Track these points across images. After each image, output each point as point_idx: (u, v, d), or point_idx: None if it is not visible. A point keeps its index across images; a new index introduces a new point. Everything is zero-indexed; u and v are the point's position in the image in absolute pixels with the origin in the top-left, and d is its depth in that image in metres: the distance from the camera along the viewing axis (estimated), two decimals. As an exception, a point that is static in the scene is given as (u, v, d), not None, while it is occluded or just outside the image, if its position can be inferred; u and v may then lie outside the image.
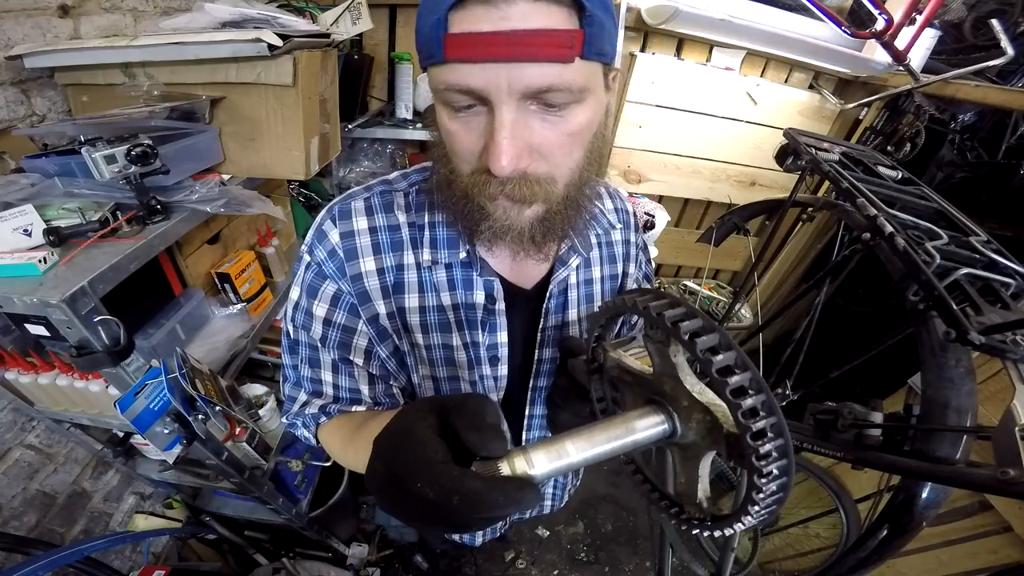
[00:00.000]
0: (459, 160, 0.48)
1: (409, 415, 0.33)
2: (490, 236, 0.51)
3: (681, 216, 2.15)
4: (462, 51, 0.39)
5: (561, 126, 0.43)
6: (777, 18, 1.55)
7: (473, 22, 0.38)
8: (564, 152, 0.46)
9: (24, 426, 1.07)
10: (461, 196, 0.50)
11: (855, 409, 0.63)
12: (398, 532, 1.73)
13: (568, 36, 0.38)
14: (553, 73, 0.39)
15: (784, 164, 1.03)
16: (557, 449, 0.30)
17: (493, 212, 0.49)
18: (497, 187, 0.46)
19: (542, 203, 0.48)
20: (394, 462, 0.30)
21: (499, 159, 0.41)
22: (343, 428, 0.63)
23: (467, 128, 0.44)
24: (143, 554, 1.34)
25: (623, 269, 0.73)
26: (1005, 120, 1.51)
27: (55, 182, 0.80)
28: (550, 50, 0.38)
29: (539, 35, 0.37)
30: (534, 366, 0.68)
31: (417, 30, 0.43)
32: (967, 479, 0.51)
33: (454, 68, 0.40)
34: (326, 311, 0.60)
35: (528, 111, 0.42)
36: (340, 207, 0.59)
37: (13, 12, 0.90)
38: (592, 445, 0.31)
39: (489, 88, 0.40)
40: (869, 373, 0.93)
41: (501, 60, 0.38)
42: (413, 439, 0.30)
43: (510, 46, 0.37)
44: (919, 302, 0.58)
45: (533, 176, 0.46)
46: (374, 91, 1.70)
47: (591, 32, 0.39)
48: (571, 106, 0.43)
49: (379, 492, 0.32)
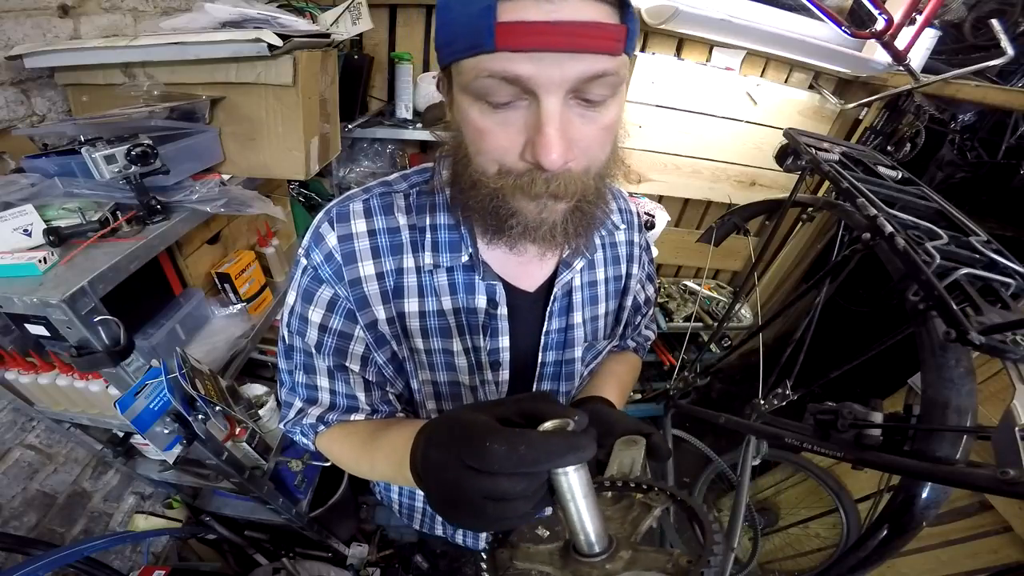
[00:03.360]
0: (487, 160, 0.46)
1: (457, 411, 0.36)
2: (520, 234, 0.50)
3: (681, 216, 2.15)
4: (515, 40, 0.38)
5: (598, 120, 0.43)
6: (777, 18, 1.55)
7: (522, 12, 0.37)
8: (599, 146, 0.46)
9: (24, 426, 1.06)
10: (488, 196, 0.48)
11: (855, 409, 0.63)
12: (398, 532, 1.73)
13: (616, 30, 0.39)
14: (601, 65, 0.40)
15: (784, 164, 1.03)
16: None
17: (527, 209, 0.48)
18: (542, 185, 0.45)
19: (578, 196, 0.47)
20: (449, 441, 0.33)
21: (549, 152, 0.41)
22: (351, 438, 0.62)
23: (504, 124, 0.43)
24: (143, 554, 1.34)
25: (627, 270, 0.72)
26: (1005, 120, 1.50)
27: (55, 182, 0.80)
28: (601, 42, 0.39)
29: (591, 27, 0.38)
30: (537, 369, 0.67)
31: (450, 21, 0.41)
32: (967, 479, 0.51)
33: (504, 57, 0.39)
34: (322, 316, 0.58)
35: (569, 106, 0.42)
36: (338, 209, 0.57)
37: (13, 12, 0.90)
38: (585, 491, 0.33)
39: (540, 78, 0.39)
40: (869, 373, 0.93)
41: (555, 50, 0.38)
42: (469, 420, 0.33)
43: (565, 36, 0.38)
44: (919, 302, 0.58)
45: (574, 171, 0.45)
46: (374, 91, 1.70)
47: (632, 28, 0.41)
48: (607, 100, 0.43)
49: (438, 478, 0.34)
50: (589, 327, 0.69)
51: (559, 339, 0.67)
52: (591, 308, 0.68)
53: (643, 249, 0.76)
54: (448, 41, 0.42)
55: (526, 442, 0.30)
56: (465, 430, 0.33)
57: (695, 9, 1.43)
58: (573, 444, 0.31)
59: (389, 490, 0.91)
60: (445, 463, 0.33)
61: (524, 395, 0.37)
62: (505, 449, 0.30)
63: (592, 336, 0.70)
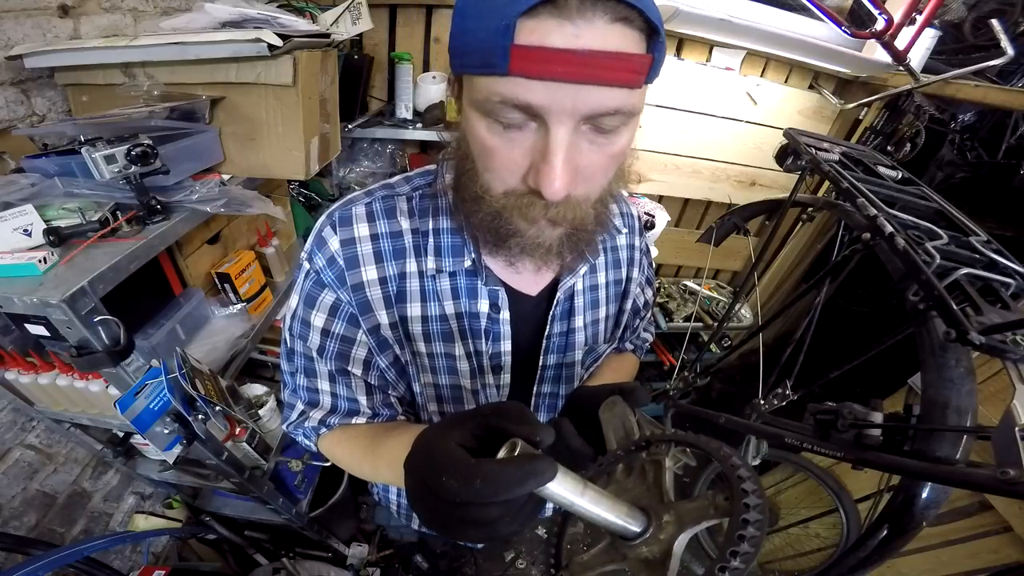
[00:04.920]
0: (493, 177, 0.45)
1: (431, 432, 0.35)
2: (518, 252, 0.50)
3: (681, 216, 2.15)
4: (531, 67, 0.36)
5: (607, 148, 0.42)
6: (777, 18, 1.55)
7: (543, 35, 0.35)
8: (603, 173, 0.45)
9: (24, 426, 1.06)
10: (491, 214, 0.47)
11: (855, 409, 0.63)
12: (398, 532, 1.73)
13: (640, 62, 0.37)
14: (620, 98, 0.38)
15: (784, 164, 1.03)
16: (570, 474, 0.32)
17: (526, 231, 0.47)
18: (541, 210, 0.44)
19: (576, 224, 0.47)
20: (421, 471, 0.33)
21: (552, 183, 0.40)
22: (352, 442, 0.62)
23: (511, 146, 0.42)
24: (143, 554, 1.34)
25: (627, 274, 0.72)
26: (1005, 120, 1.50)
27: (55, 182, 0.80)
28: (622, 75, 0.37)
29: (613, 58, 0.36)
30: (538, 372, 0.67)
31: (466, 32, 0.39)
32: (967, 479, 0.51)
33: (516, 82, 0.37)
34: (324, 321, 0.58)
35: (580, 133, 0.40)
36: (340, 213, 0.57)
37: (13, 12, 0.90)
38: (576, 495, 0.32)
39: (552, 107, 0.37)
40: (869, 373, 0.93)
41: (571, 81, 0.36)
42: (437, 449, 0.32)
43: (584, 67, 0.35)
44: (919, 302, 0.58)
45: (573, 199, 0.44)
46: (374, 91, 1.70)
47: (657, 58, 0.38)
48: (620, 129, 0.41)
49: (413, 504, 0.34)
50: (590, 331, 0.69)
51: (560, 343, 0.67)
52: (592, 312, 0.68)
53: (643, 252, 0.76)
54: (461, 52, 0.41)
55: (480, 476, 0.29)
56: (430, 459, 0.32)
57: (695, 9, 1.43)
58: (529, 471, 0.29)
59: (387, 491, 0.91)
60: (420, 493, 0.33)
61: (490, 408, 0.35)
62: (460, 485, 0.29)
63: (593, 340, 0.70)
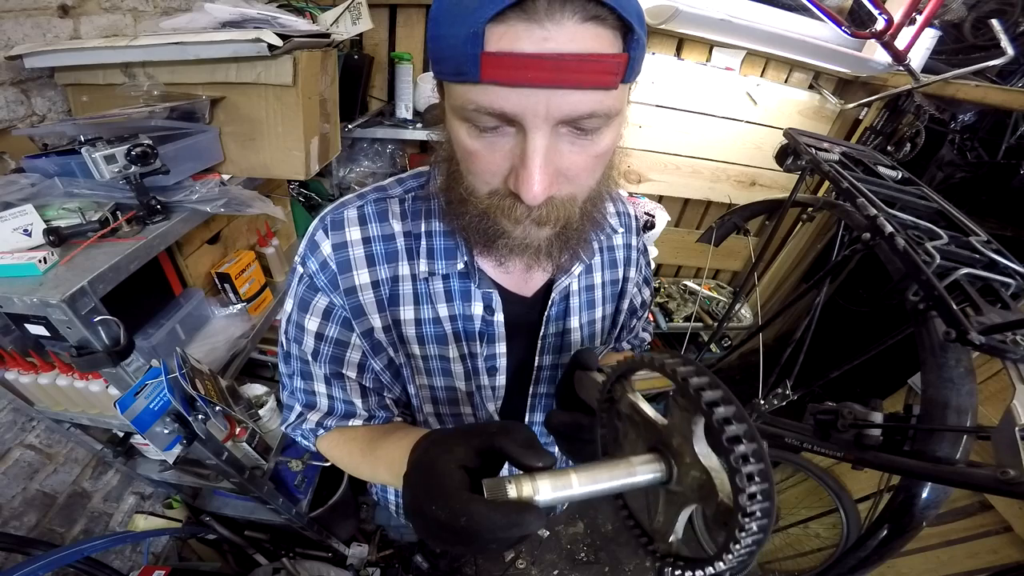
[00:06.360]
0: (476, 180, 0.46)
1: (435, 448, 0.36)
2: (507, 252, 0.50)
3: (681, 216, 2.15)
4: (501, 73, 0.36)
5: (590, 149, 0.42)
6: (777, 18, 1.55)
7: (512, 40, 0.35)
8: (588, 173, 0.45)
9: (24, 426, 1.06)
10: (477, 215, 0.48)
11: (855, 409, 0.63)
12: (398, 532, 1.73)
13: (614, 62, 0.36)
14: (595, 100, 0.38)
15: (784, 164, 1.03)
16: (562, 480, 0.33)
17: (512, 231, 0.48)
18: (524, 212, 0.44)
19: (562, 223, 0.47)
20: (417, 491, 0.34)
21: (531, 187, 0.40)
22: (350, 444, 0.63)
23: (491, 149, 0.42)
24: (143, 554, 1.34)
25: (623, 274, 0.72)
26: (1005, 120, 1.50)
27: (55, 182, 0.80)
28: (595, 76, 0.36)
29: (585, 60, 0.35)
30: (534, 373, 0.67)
31: (439, 38, 0.39)
32: (967, 479, 0.51)
33: (488, 90, 0.37)
34: (318, 325, 0.58)
35: (559, 135, 0.40)
36: (332, 216, 0.57)
37: (13, 12, 0.90)
38: (594, 481, 0.33)
39: (526, 114, 0.37)
40: (869, 373, 0.93)
41: (543, 86, 0.36)
42: (435, 470, 0.34)
43: (554, 71, 0.35)
44: (919, 302, 0.58)
45: (558, 199, 0.45)
46: (374, 91, 1.70)
47: (634, 56, 0.38)
48: (601, 129, 0.41)
49: (407, 515, 0.35)
50: (586, 331, 0.69)
51: (556, 343, 0.66)
52: (588, 312, 0.68)
53: (640, 252, 0.76)
54: (437, 59, 0.41)
55: (467, 515, 0.30)
56: (426, 479, 0.33)
57: (695, 9, 1.43)
58: (514, 522, 0.29)
59: (387, 491, 0.91)
60: (414, 509, 0.34)
61: (497, 427, 0.36)
62: (446, 518, 0.30)
63: (589, 340, 0.70)
